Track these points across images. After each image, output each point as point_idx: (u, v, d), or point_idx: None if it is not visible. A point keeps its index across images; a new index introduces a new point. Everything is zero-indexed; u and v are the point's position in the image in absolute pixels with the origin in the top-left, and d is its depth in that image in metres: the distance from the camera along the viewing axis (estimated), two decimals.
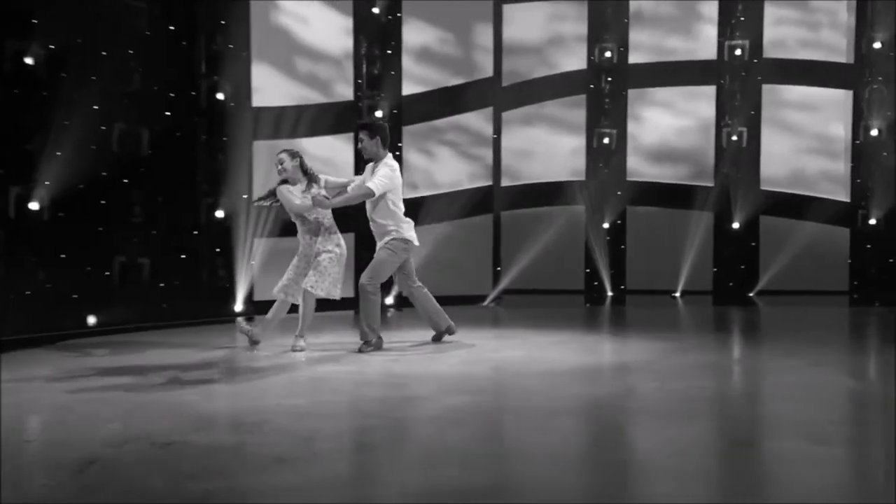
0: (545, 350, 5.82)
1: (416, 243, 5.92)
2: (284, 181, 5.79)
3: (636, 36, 10.88)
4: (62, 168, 6.71)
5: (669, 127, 10.93)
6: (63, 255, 6.72)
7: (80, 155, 6.75)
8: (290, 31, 8.62)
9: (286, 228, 6.86)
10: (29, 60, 6.34)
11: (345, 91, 8.84)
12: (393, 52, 9.03)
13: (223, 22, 7.78)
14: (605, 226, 10.70)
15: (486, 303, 9.80)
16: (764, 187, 10.62)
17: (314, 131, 8.52)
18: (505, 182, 10.80)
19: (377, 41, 8.92)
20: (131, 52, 7.19)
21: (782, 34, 10.76)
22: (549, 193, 10.82)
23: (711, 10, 10.74)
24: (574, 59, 10.90)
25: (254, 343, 5.91)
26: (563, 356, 5.50)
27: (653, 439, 3.39)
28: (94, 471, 2.86)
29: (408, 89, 9.22)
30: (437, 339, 6.15)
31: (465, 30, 9.91)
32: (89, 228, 6.88)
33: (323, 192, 5.70)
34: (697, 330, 7.82)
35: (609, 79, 10.77)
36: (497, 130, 10.57)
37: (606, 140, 10.82)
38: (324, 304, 6.13)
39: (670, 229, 10.69)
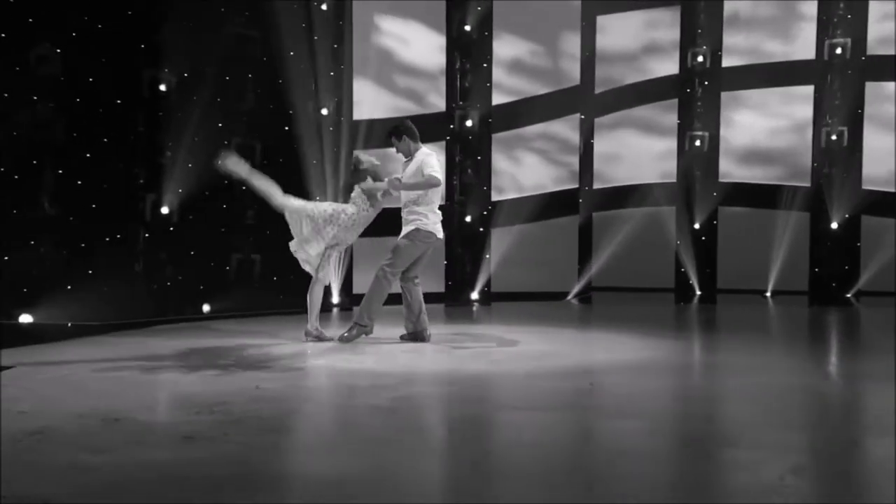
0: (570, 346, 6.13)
1: (440, 236, 6.06)
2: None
3: (731, 39, 10.91)
4: (191, 178, 7.81)
5: (763, 128, 10.89)
6: (192, 252, 7.82)
7: (206, 167, 7.81)
8: (390, 49, 9.44)
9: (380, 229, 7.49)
10: (163, 87, 7.46)
11: (438, 103, 9.55)
12: (483, 65, 9.64)
13: (336, 46, 8.67)
14: (696, 226, 10.80)
15: (568, 297, 10.22)
16: (866, 186, 10.35)
17: None
18: (596, 185, 11.17)
19: (469, 55, 9.57)
20: (250, 75, 8.23)
21: (888, 30, 10.43)
22: (638, 195, 11.07)
23: (811, 8, 10.59)
24: (667, 65, 11.09)
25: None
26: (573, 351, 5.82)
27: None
28: (33, 440, 3.15)
29: (498, 99, 9.81)
30: (409, 338, 6.12)
31: (553, 41, 10.37)
32: (211, 229, 7.95)
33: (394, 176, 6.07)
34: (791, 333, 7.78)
35: (703, 83, 10.86)
36: (589, 135, 10.96)
37: (698, 143, 10.91)
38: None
39: (763, 229, 10.65)
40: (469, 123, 9.48)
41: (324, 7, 8.66)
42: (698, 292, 10.74)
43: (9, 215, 6.57)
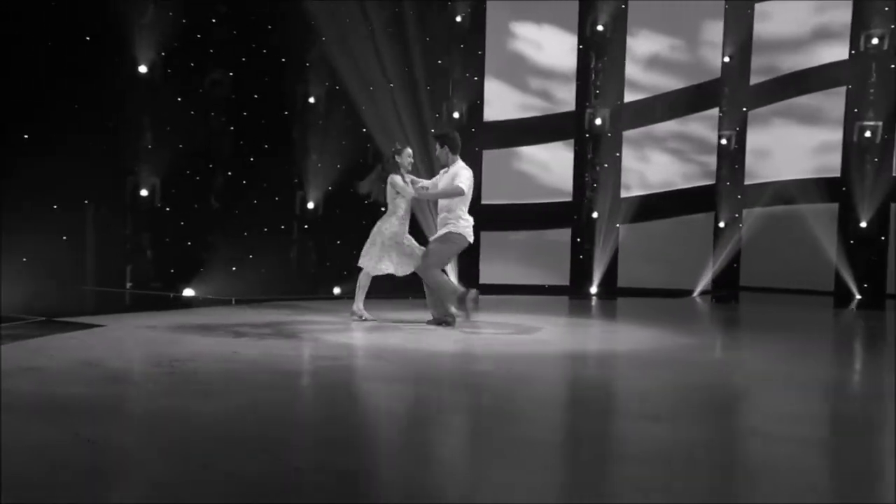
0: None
1: (470, 240, 6.38)
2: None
3: None
4: (340, 175, 9.05)
5: None
6: (339, 241, 9.09)
7: (352, 167, 9.01)
8: (523, 53, 9.97)
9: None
10: (311, 99, 8.76)
11: (569, 103, 9.90)
12: (616, 63, 9.80)
13: (480, 52, 9.41)
14: (863, 224, 10.01)
15: (694, 295, 10.06)
16: None
17: (537, 139, 9.78)
18: (749, 181, 10.77)
19: (601, 54, 9.79)
20: (391, 85, 9.27)
21: None
22: (795, 191, 10.47)
23: None
24: (835, 51, 10.33)
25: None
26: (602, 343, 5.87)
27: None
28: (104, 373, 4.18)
29: (632, 97, 9.90)
30: (434, 323, 6.40)
31: (694, 34, 10.17)
32: (356, 220, 9.14)
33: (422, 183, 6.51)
34: None
35: (876, 67, 10.00)
36: (739, 128, 10.60)
37: (868, 133, 10.06)
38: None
39: None
40: (598, 122, 9.72)
41: (458, 18, 9.42)
42: (857, 297, 9.96)
43: (191, 208, 8.24)
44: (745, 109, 10.50)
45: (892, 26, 9.92)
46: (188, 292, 7.97)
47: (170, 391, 3.96)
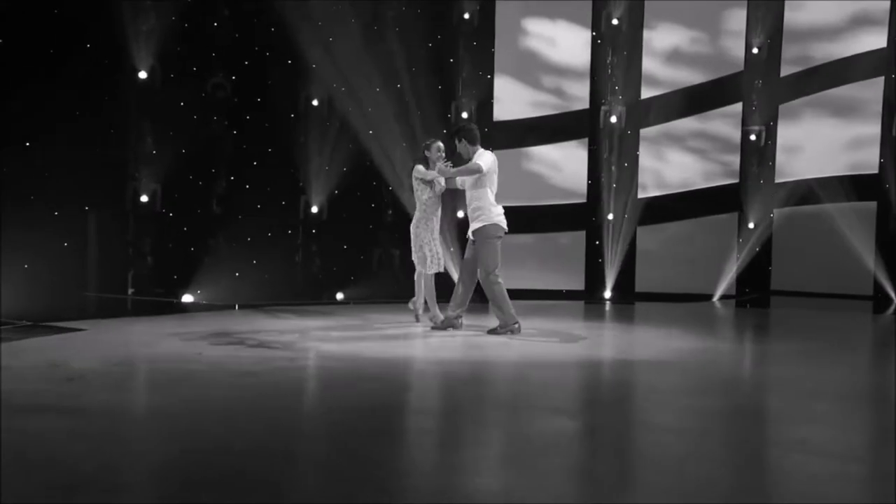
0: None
1: (505, 228, 6.23)
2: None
3: None
4: (345, 179, 8.90)
5: None
6: (345, 246, 8.94)
7: (356, 169, 8.86)
8: (535, 50, 9.68)
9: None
10: (315, 102, 8.64)
11: (583, 99, 9.56)
12: (632, 57, 9.43)
13: (490, 50, 9.12)
14: None
15: (714, 299, 9.56)
16: None
17: (549, 138, 9.46)
18: (779, 179, 10.22)
19: (616, 50, 9.43)
20: (398, 85, 9.09)
21: None
22: (829, 189, 9.88)
23: None
24: (872, 39, 9.73)
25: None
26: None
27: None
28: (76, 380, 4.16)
29: (650, 93, 9.50)
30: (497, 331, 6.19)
31: (716, 25, 9.71)
32: (362, 224, 8.98)
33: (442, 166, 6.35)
34: None
35: None
36: (772, 123, 10.07)
37: None
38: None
39: None
40: (613, 119, 9.35)
41: (466, 16, 9.20)
42: None
43: (193, 214, 8.20)
44: (775, 104, 9.96)
45: None
46: (188, 298, 7.92)
47: (117, 387, 4.13)
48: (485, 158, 6.18)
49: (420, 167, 6.48)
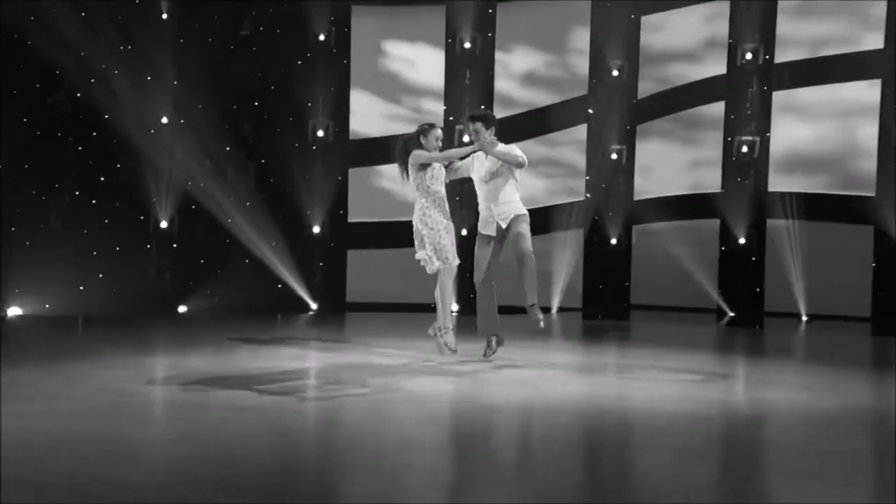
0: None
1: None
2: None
3: (787, 30, 9.81)
4: (197, 194, 9.06)
5: (805, 135, 9.64)
6: (202, 261, 9.12)
7: (213, 187, 9.04)
8: (393, 71, 10.00)
9: None
10: (164, 120, 8.82)
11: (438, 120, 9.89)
12: (485, 79, 9.80)
13: (346, 70, 9.40)
14: (741, 241, 9.85)
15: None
16: None
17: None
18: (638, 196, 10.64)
19: (470, 71, 9.78)
20: (257, 103, 9.32)
21: None
22: (680, 206, 10.34)
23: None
24: (715, 66, 10.23)
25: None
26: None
27: None
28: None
29: (502, 113, 9.86)
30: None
31: (564, 51, 10.15)
32: (212, 238, 9.15)
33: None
34: None
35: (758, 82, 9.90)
36: (629, 143, 10.49)
37: (745, 149, 9.96)
38: None
39: None
40: (466, 139, 9.68)
41: (322, 37, 9.47)
42: (730, 314, 9.81)
43: (36, 229, 8.31)
44: (633, 124, 10.36)
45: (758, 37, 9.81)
46: (14, 311, 8.04)
47: None
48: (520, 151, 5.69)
49: (422, 151, 5.75)
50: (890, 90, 9.17)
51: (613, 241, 10.49)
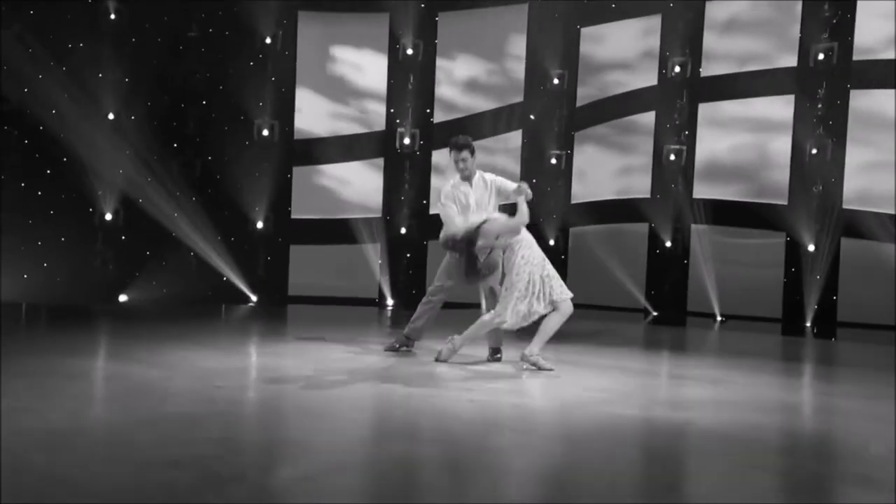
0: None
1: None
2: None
3: (715, 45, 10.38)
4: (146, 191, 9.35)
5: (724, 145, 10.22)
6: (148, 253, 9.40)
7: (162, 182, 9.34)
8: (339, 75, 10.38)
9: None
10: (111, 116, 9.10)
11: (381, 123, 10.29)
12: (425, 85, 10.22)
13: (292, 73, 9.78)
14: (668, 244, 10.36)
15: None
16: None
17: (349, 157, 10.17)
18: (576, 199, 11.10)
19: (412, 77, 10.20)
20: (204, 102, 9.64)
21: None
22: (614, 210, 10.82)
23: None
24: (649, 76, 10.75)
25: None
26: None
27: None
28: None
29: (442, 117, 10.30)
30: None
31: (502, 58, 10.62)
32: (157, 230, 9.44)
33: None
34: None
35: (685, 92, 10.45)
36: (569, 149, 10.96)
37: (673, 157, 10.50)
38: None
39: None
40: (407, 141, 10.11)
41: (268, 40, 9.82)
42: (653, 313, 10.33)
43: None
44: (570, 131, 10.86)
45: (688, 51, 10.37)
46: None
47: None
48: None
49: (493, 226, 5.39)
50: (802, 105, 9.77)
51: (551, 243, 10.97)
